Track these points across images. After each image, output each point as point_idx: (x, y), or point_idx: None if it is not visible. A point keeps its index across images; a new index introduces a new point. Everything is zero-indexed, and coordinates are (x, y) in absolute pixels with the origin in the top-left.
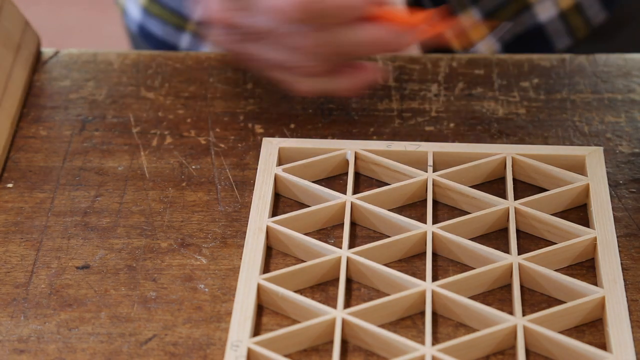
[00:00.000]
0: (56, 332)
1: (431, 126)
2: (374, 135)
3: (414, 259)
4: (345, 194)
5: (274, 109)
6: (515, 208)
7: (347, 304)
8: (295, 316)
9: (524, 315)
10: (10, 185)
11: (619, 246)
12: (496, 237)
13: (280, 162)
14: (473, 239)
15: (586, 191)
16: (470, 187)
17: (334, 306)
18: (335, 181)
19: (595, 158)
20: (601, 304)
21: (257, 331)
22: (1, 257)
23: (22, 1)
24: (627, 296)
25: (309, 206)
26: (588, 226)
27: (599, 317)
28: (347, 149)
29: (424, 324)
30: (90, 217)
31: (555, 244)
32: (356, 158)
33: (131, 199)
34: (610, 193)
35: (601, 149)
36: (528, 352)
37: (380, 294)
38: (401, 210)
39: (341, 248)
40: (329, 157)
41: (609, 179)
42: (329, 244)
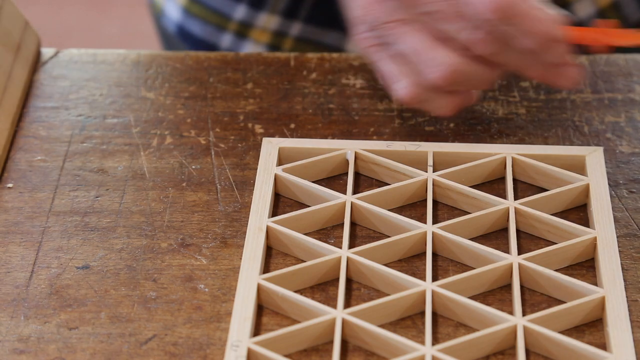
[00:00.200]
0: (56, 332)
1: (431, 126)
2: (374, 135)
3: (414, 259)
4: (345, 194)
5: (274, 109)
6: (515, 208)
7: (347, 304)
8: (295, 316)
9: (524, 315)
10: (10, 185)
11: (619, 246)
12: (496, 237)
13: (280, 162)
14: (473, 239)
15: (586, 191)
16: (470, 187)
17: (334, 306)
18: (335, 181)
19: (595, 158)
20: (601, 304)
21: (257, 331)
22: (1, 257)
23: (22, 1)
24: (627, 296)
25: (309, 206)
26: (588, 226)
27: (599, 317)
28: (347, 149)
29: (424, 324)
30: (90, 217)
31: (555, 244)
32: (356, 158)
33: (131, 199)
34: (610, 193)
35: (601, 149)
36: (528, 352)
37: (380, 294)
38: (401, 210)
39: (341, 248)
40: (329, 157)
41: (609, 179)
42: (329, 244)
